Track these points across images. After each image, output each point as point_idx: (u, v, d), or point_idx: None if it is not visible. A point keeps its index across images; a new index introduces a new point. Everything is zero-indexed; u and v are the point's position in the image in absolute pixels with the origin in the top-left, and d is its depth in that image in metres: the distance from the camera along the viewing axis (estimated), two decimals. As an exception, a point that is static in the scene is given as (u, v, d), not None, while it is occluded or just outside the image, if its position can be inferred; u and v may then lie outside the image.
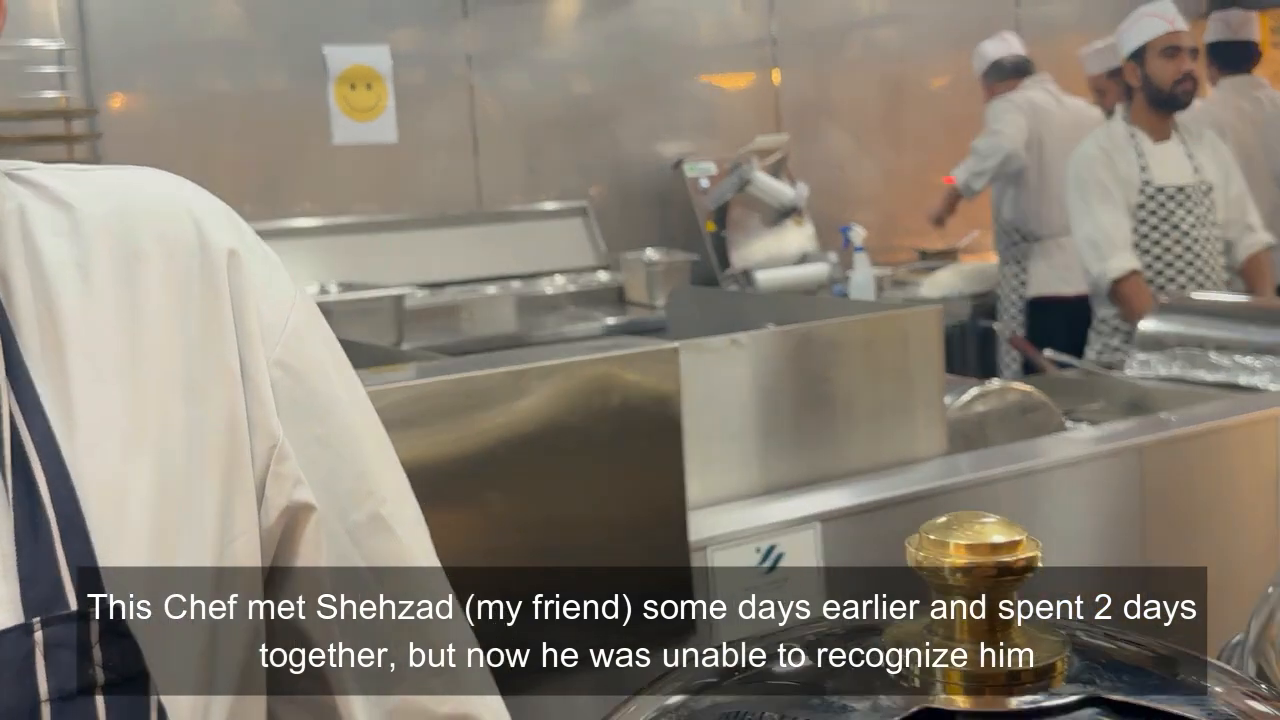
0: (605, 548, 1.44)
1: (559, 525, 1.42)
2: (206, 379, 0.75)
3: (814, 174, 4.58)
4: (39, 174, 0.77)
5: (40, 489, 0.68)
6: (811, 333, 1.71)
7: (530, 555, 1.41)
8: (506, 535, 1.40)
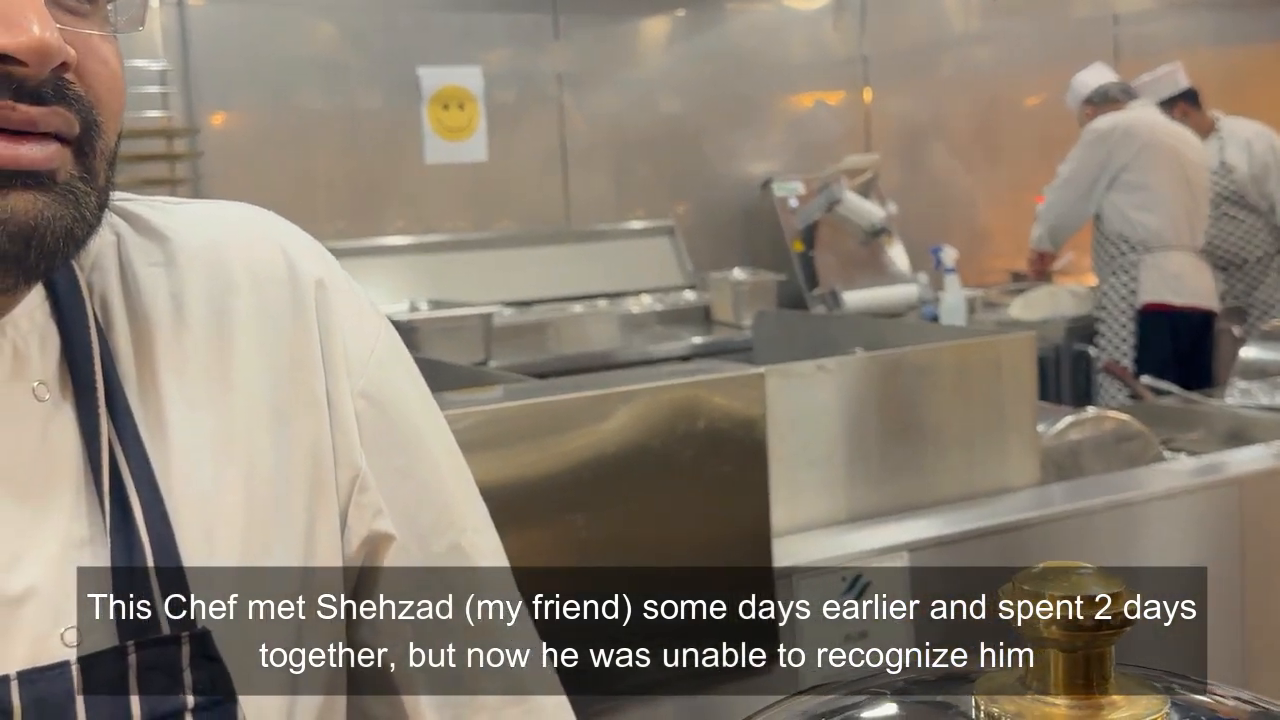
0: (688, 574, 1.43)
1: (642, 549, 1.41)
2: (294, 408, 0.76)
3: (905, 194, 4.53)
4: (136, 205, 0.79)
5: (136, 515, 0.69)
6: (901, 358, 1.69)
7: (612, 579, 1.40)
8: (589, 558, 1.39)
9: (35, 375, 0.70)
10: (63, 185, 0.64)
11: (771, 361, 1.65)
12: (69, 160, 0.65)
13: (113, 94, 0.67)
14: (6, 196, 0.62)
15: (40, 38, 0.61)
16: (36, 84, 0.62)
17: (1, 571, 0.66)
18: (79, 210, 0.65)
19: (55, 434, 0.69)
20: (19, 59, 0.61)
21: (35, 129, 0.63)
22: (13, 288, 0.66)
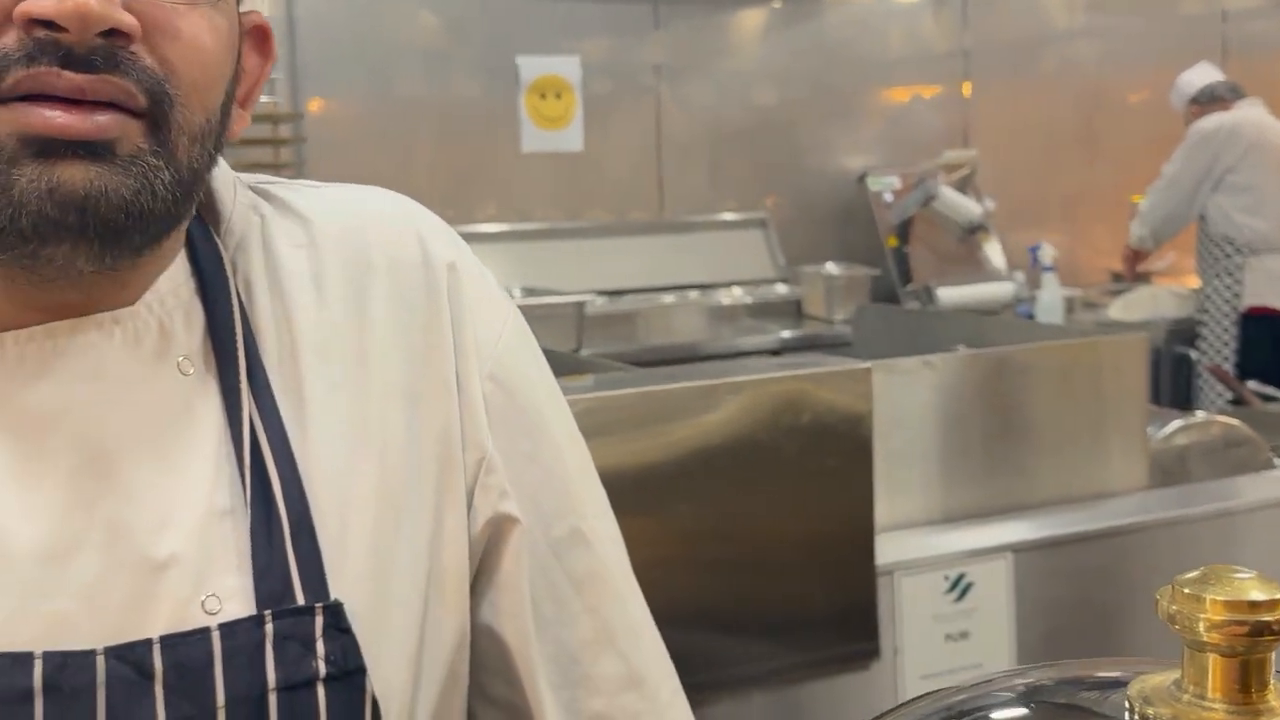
0: (790, 566, 1.43)
1: (744, 542, 1.41)
2: (425, 389, 0.77)
3: (1003, 190, 4.46)
4: (278, 188, 0.80)
5: (274, 489, 0.71)
6: (1009, 357, 1.66)
7: (715, 569, 1.40)
8: (692, 548, 1.39)
9: (180, 350, 0.71)
10: (125, 157, 0.64)
11: (872, 356, 1.63)
12: (136, 132, 0.64)
13: (192, 66, 0.66)
14: (55, 166, 0.62)
15: (81, 1, 0.60)
16: (86, 51, 0.62)
17: (149, 535, 0.68)
18: (145, 183, 0.64)
19: (199, 407, 0.71)
20: (61, 24, 0.61)
21: (84, 97, 0.62)
22: (99, 260, 0.65)
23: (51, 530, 0.66)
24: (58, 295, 0.68)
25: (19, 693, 0.63)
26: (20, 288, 0.67)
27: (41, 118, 0.62)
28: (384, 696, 0.72)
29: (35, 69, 0.61)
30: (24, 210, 0.62)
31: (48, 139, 0.62)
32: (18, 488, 0.66)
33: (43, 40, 0.61)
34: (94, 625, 0.65)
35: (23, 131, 0.62)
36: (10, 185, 0.62)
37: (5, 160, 0.62)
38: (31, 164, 0.62)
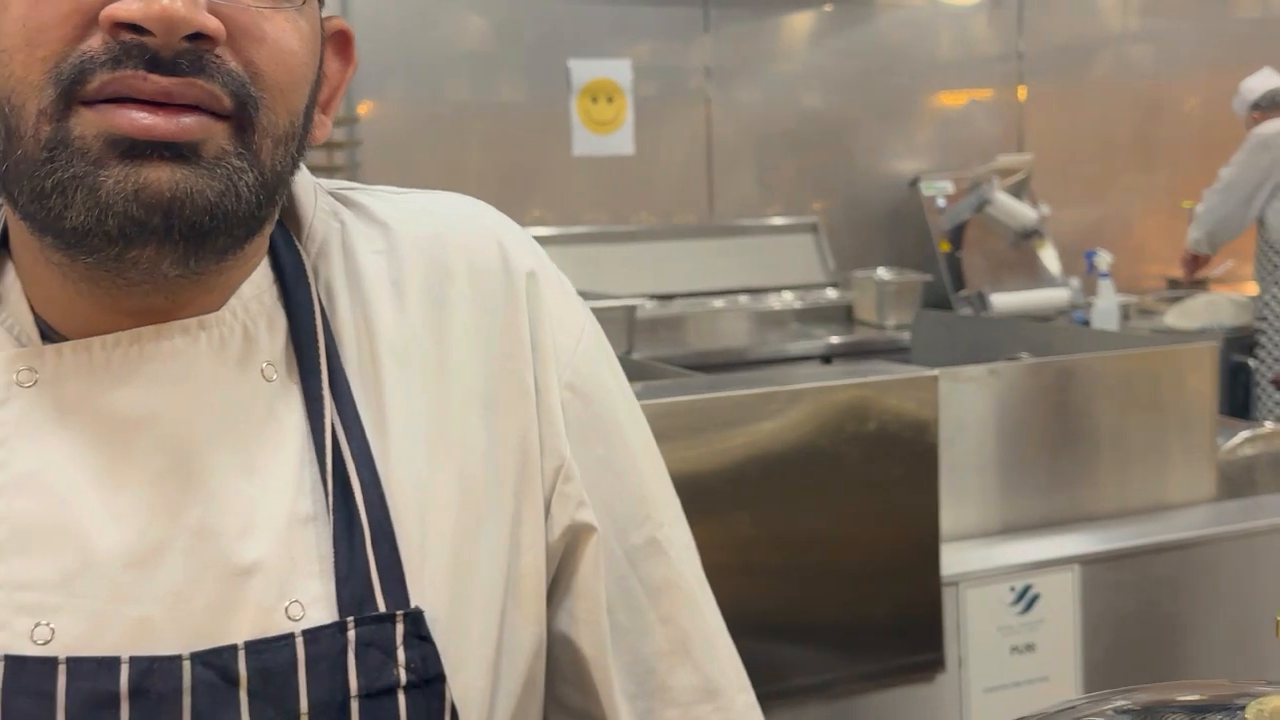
0: (853, 576, 1.41)
1: (807, 550, 1.39)
2: (504, 396, 0.77)
3: (1058, 195, 4.41)
4: (359, 194, 0.80)
5: (356, 495, 0.70)
6: (1074, 365, 1.64)
7: (776, 578, 1.39)
8: (753, 556, 1.38)
9: (264, 356, 0.71)
10: (210, 159, 0.64)
11: (930, 363, 1.61)
12: (222, 134, 0.64)
13: (277, 69, 0.66)
14: (141, 168, 0.62)
15: (168, 6, 0.61)
16: (172, 55, 0.62)
17: (232, 543, 0.67)
18: (230, 185, 0.64)
19: (282, 413, 0.71)
20: (147, 28, 0.61)
21: (170, 100, 0.62)
22: (181, 263, 0.65)
23: (137, 535, 0.66)
24: (143, 299, 0.68)
25: (105, 697, 0.63)
26: (106, 292, 0.67)
27: (128, 119, 0.62)
28: (462, 704, 0.71)
29: (121, 72, 0.61)
30: (110, 211, 0.62)
31: (134, 141, 0.62)
32: (104, 493, 0.66)
33: (128, 44, 0.61)
34: (178, 631, 0.65)
35: (109, 133, 0.62)
36: (97, 186, 0.62)
37: (91, 161, 0.62)
38: (118, 165, 0.62)
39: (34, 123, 0.62)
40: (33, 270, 0.70)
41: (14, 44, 0.62)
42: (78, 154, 0.62)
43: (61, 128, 0.62)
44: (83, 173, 0.62)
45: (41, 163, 0.62)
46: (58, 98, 0.62)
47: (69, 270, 0.67)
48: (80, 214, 0.62)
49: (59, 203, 0.62)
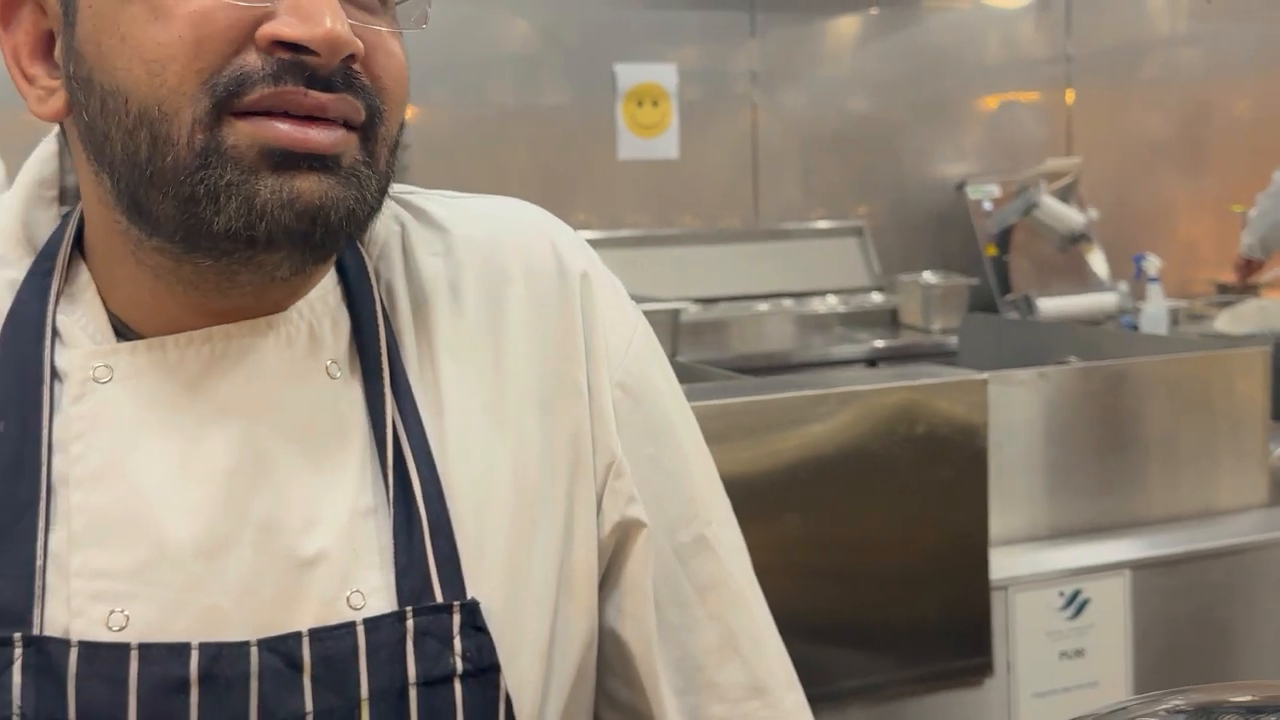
0: (901, 579, 1.41)
1: (855, 552, 1.40)
2: (558, 395, 0.79)
3: (1107, 199, 4.37)
4: (418, 198, 0.83)
5: (415, 490, 0.72)
6: (1126, 369, 1.63)
7: (824, 580, 1.39)
8: (801, 557, 1.38)
9: (328, 354, 0.74)
10: (347, 169, 0.67)
11: (978, 367, 1.61)
12: (354, 145, 0.68)
13: (398, 84, 0.71)
14: (294, 178, 0.65)
15: (332, 29, 0.64)
16: (327, 73, 0.66)
17: (298, 534, 0.70)
18: (361, 192, 0.68)
19: (345, 409, 0.73)
20: (312, 49, 0.65)
21: (325, 115, 0.66)
22: (300, 268, 0.69)
23: (208, 527, 0.68)
24: (235, 300, 0.71)
25: (176, 682, 0.65)
26: (203, 293, 0.70)
27: (284, 132, 0.65)
28: (517, 693, 0.73)
29: (281, 87, 0.65)
30: (264, 218, 0.65)
31: (286, 152, 0.65)
32: (177, 486, 0.69)
33: (287, 61, 0.65)
34: (246, 619, 0.68)
35: (265, 144, 0.65)
36: (253, 195, 0.65)
37: (245, 170, 0.65)
38: (271, 175, 0.65)
39: (189, 131, 0.65)
40: (115, 271, 0.72)
41: (169, 55, 0.64)
42: (231, 162, 0.65)
43: (215, 136, 0.65)
44: (238, 180, 0.65)
45: (194, 169, 0.65)
46: (212, 107, 0.65)
47: (172, 271, 0.69)
48: (232, 219, 0.65)
49: (209, 208, 0.65)
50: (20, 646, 0.65)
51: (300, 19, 0.65)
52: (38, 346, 0.70)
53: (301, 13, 0.65)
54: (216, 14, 0.65)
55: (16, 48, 0.71)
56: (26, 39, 0.71)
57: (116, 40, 0.65)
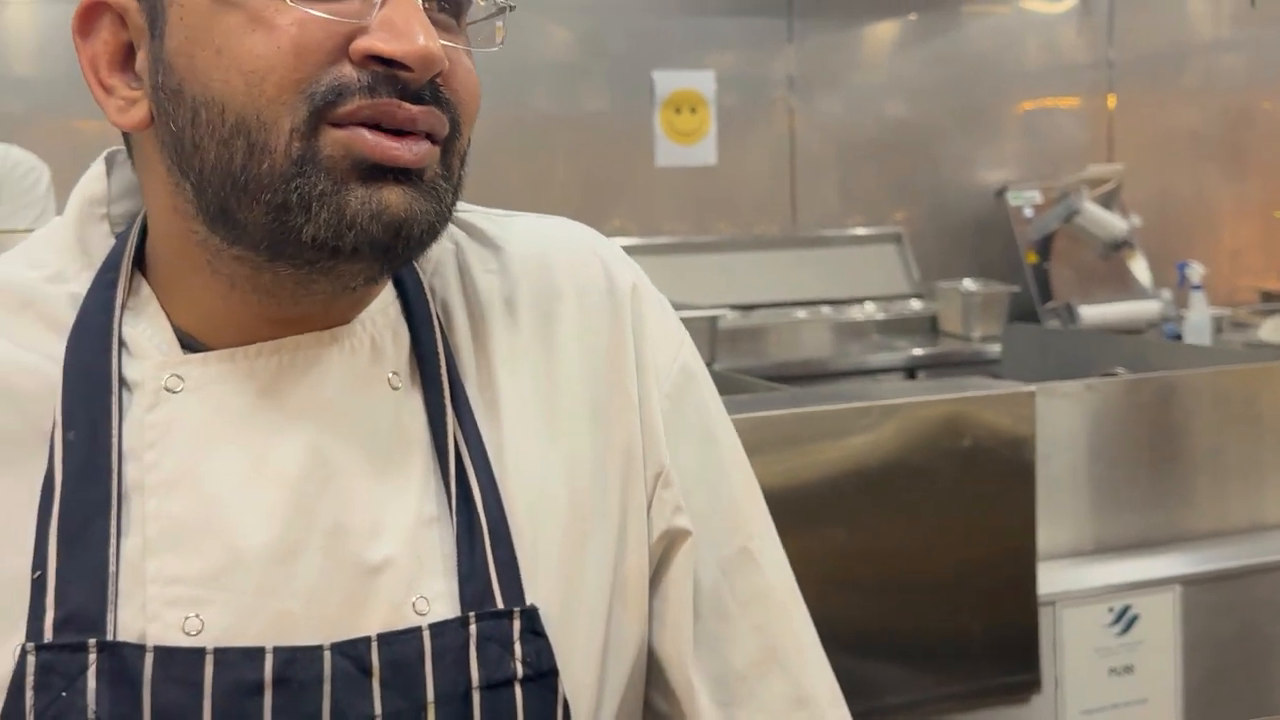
0: (947, 594, 1.40)
1: (900, 566, 1.39)
2: (610, 407, 0.80)
3: (1149, 206, 4.33)
4: (473, 216, 0.85)
5: (475, 499, 0.74)
6: (1173, 382, 1.61)
7: (868, 594, 1.38)
8: (845, 571, 1.37)
9: (390, 365, 0.75)
10: (429, 182, 0.69)
11: (1020, 377, 1.59)
12: (436, 158, 0.70)
13: (474, 99, 0.73)
14: (380, 190, 0.67)
15: (426, 47, 0.66)
16: (418, 88, 0.67)
17: (365, 540, 0.71)
18: (440, 205, 0.70)
19: (406, 419, 0.75)
20: (406, 64, 0.66)
21: (415, 128, 0.68)
22: (375, 278, 0.72)
23: (280, 534, 0.70)
24: (305, 308, 0.72)
25: (251, 685, 0.67)
26: (277, 301, 0.72)
27: (375, 144, 0.67)
28: (573, 697, 0.74)
29: (377, 99, 0.67)
30: (352, 229, 0.67)
31: (375, 164, 0.67)
32: (248, 493, 0.70)
33: (380, 74, 0.67)
34: (316, 624, 0.69)
35: (357, 155, 0.67)
36: (344, 205, 0.67)
37: (336, 180, 0.67)
38: (359, 186, 0.67)
39: (287, 139, 0.66)
40: (183, 282, 0.74)
41: (268, 65, 0.66)
42: (324, 171, 0.66)
43: (311, 145, 0.66)
44: (330, 190, 0.66)
45: (290, 177, 0.66)
46: (309, 116, 0.66)
47: (249, 279, 0.71)
48: (321, 228, 0.67)
49: (300, 217, 0.67)
50: (95, 652, 0.66)
51: (394, 35, 0.66)
52: (105, 357, 0.72)
53: (395, 29, 0.66)
54: (316, 26, 0.66)
55: (95, 58, 0.72)
56: (105, 50, 0.72)
57: (212, 52, 0.67)
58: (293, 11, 0.66)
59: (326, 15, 0.66)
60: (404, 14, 0.66)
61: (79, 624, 0.66)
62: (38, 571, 0.67)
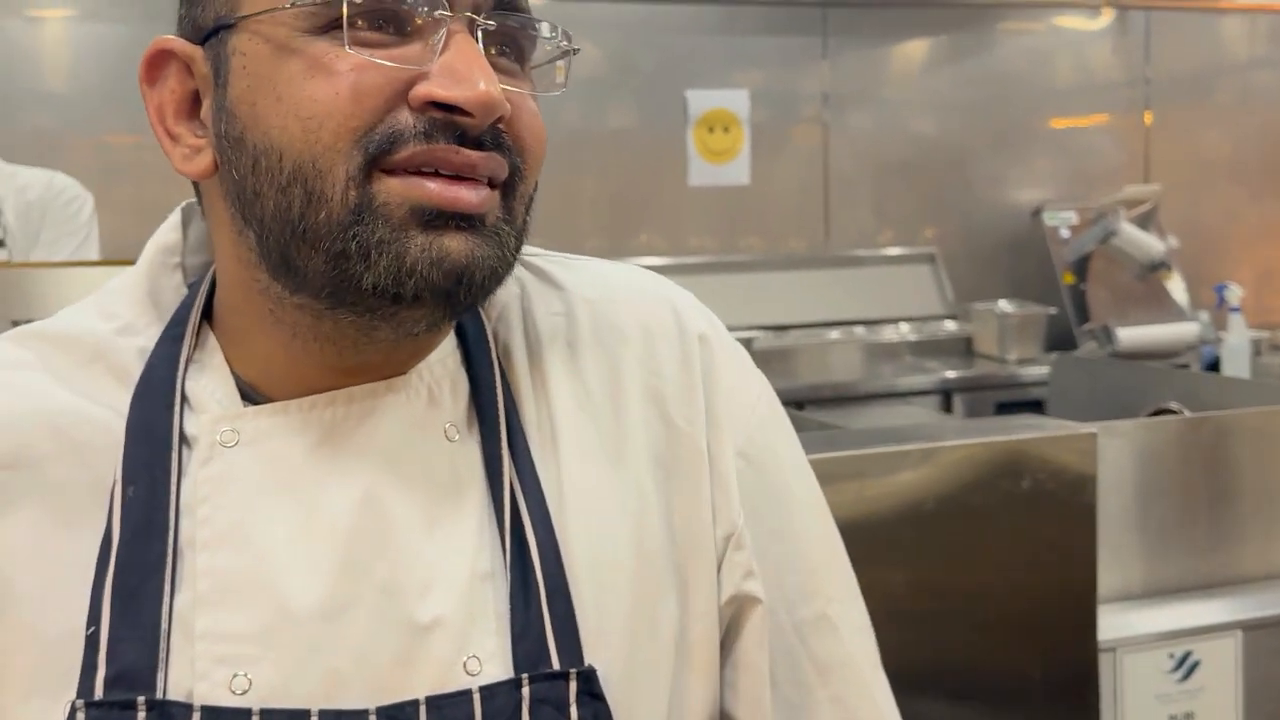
0: (1004, 637, 1.37)
1: (957, 609, 1.36)
2: (678, 460, 0.78)
3: (1187, 227, 4.29)
4: (538, 259, 0.83)
5: (532, 553, 0.71)
6: (1232, 421, 1.58)
7: (924, 635, 1.35)
8: (902, 613, 1.35)
9: (446, 417, 0.74)
10: (491, 228, 0.68)
11: (1069, 411, 1.56)
12: (497, 204, 0.69)
13: (539, 143, 0.72)
14: (442, 237, 0.66)
15: (486, 92, 0.65)
16: (477, 133, 0.66)
17: (415, 599, 0.69)
18: (502, 250, 0.69)
19: (463, 472, 0.73)
20: (466, 110, 0.65)
21: (474, 174, 0.67)
22: (437, 325, 0.70)
23: (329, 590, 0.68)
24: (367, 356, 0.71)
25: None
26: (338, 349, 0.70)
27: (434, 191, 0.66)
28: None
29: (433, 145, 0.66)
30: (413, 276, 0.65)
31: (436, 211, 0.66)
32: (299, 548, 0.69)
33: (439, 120, 0.66)
34: (364, 683, 0.67)
35: (415, 202, 0.66)
36: (404, 253, 0.65)
37: (394, 227, 0.65)
38: (420, 234, 0.66)
39: (343, 187, 0.65)
40: (246, 334, 0.73)
41: (325, 111, 0.65)
42: (382, 219, 0.65)
43: (367, 193, 0.65)
44: (389, 238, 0.65)
45: (347, 225, 0.66)
46: (364, 164, 0.65)
47: (310, 328, 0.70)
48: (381, 276, 0.65)
49: (360, 265, 0.66)
50: (144, 710, 0.65)
51: (454, 80, 0.65)
52: (168, 413, 0.71)
53: (455, 75, 0.65)
54: (375, 73, 0.65)
55: (161, 106, 0.72)
56: (172, 98, 0.72)
57: (273, 100, 0.66)
58: (352, 58, 0.65)
59: (386, 62, 0.65)
60: (465, 59, 0.66)
61: (129, 681, 0.66)
62: (91, 628, 0.67)
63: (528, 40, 0.72)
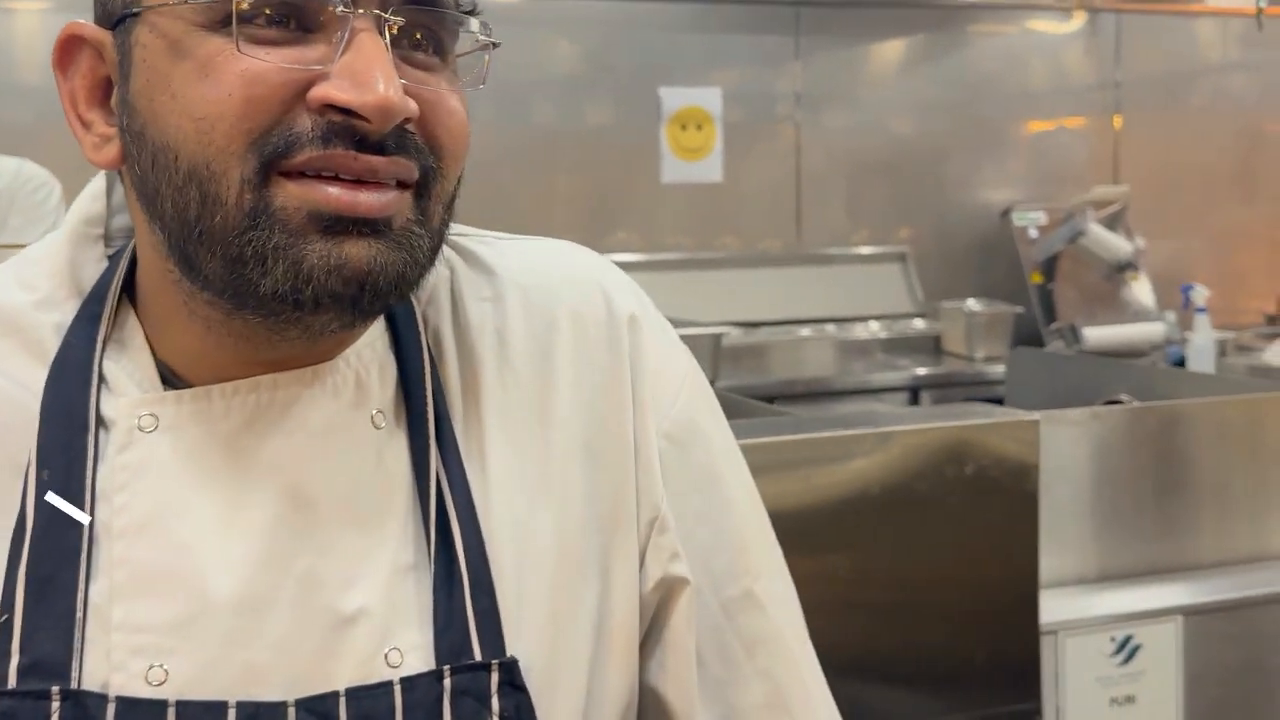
0: (948, 621, 1.39)
1: (901, 593, 1.38)
2: (604, 446, 0.77)
3: (1154, 228, 4.32)
4: (468, 240, 0.81)
5: (456, 545, 0.71)
6: (1179, 411, 1.60)
7: (868, 620, 1.37)
8: (846, 598, 1.37)
9: (374, 404, 0.72)
10: (398, 231, 0.66)
11: (1026, 403, 1.58)
12: (407, 205, 0.67)
13: (457, 141, 0.69)
14: (342, 244, 0.64)
15: (385, 96, 0.63)
16: (379, 137, 0.64)
17: (338, 591, 0.68)
18: (412, 254, 0.67)
19: (389, 461, 0.72)
20: (363, 115, 0.63)
21: (375, 178, 0.64)
22: (349, 326, 0.68)
23: (250, 581, 0.67)
24: (284, 351, 0.70)
25: None
26: (253, 345, 0.69)
27: (333, 195, 0.64)
28: None
29: (331, 150, 0.64)
30: (311, 283, 0.64)
31: (335, 216, 0.64)
32: (220, 539, 0.68)
33: (338, 124, 0.64)
34: (283, 676, 0.66)
35: (313, 208, 0.64)
36: (300, 259, 0.64)
37: (292, 233, 0.64)
38: (319, 240, 0.64)
39: (238, 190, 0.64)
40: (165, 319, 0.71)
41: (217, 113, 0.63)
42: (279, 225, 0.64)
43: (263, 196, 0.64)
44: (285, 244, 0.64)
45: (243, 230, 0.64)
46: (260, 168, 0.63)
47: (223, 324, 0.68)
48: (278, 282, 0.64)
49: (256, 270, 0.64)
50: (58, 700, 0.64)
51: (353, 83, 0.63)
52: (84, 393, 0.69)
53: (355, 77, 0.63)
54: (268, 75, 0.63)
55: (74, 92, 0.71)
56: (84, 84, 0.71)
57: (168, 97, 0.65)
58: (244, 60, 0.63)
59: (281, 63, 0.63)
60: (366, 60, 0.63)
61: (43, 671, 0.64)
62: (4, 615, 0.65)
63: (448, 33, 0.70)
